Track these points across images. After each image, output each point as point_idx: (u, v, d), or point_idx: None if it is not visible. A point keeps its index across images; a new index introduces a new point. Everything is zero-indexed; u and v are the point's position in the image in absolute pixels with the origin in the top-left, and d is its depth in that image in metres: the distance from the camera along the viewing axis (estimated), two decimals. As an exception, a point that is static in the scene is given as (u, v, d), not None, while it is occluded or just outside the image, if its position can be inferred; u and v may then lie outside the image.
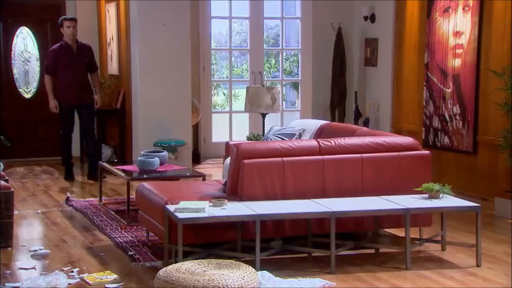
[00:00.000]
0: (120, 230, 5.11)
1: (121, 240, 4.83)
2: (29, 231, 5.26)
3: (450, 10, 6.53)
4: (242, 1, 8.63)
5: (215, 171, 7.42)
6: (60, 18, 7.18)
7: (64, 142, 7.18)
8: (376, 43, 7.71)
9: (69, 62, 7.01)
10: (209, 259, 3.73)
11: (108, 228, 5.17)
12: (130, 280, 4.03)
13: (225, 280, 3.44)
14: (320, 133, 5.35)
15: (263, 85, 6.74)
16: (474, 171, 6.26)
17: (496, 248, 4.64)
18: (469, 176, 6.28)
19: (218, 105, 9.98)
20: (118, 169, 5.75)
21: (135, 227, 5.14)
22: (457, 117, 6.43)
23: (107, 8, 8.30)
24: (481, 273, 4.14)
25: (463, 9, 6.37)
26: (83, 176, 7.39)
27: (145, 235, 4.84)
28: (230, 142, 5.66)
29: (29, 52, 8.45)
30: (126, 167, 5.80)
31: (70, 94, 7.03)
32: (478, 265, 4.25)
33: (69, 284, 3.94)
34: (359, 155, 4.49)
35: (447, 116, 6.56)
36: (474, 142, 6.25)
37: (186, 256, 4.06)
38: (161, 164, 5.64)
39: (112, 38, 8.17)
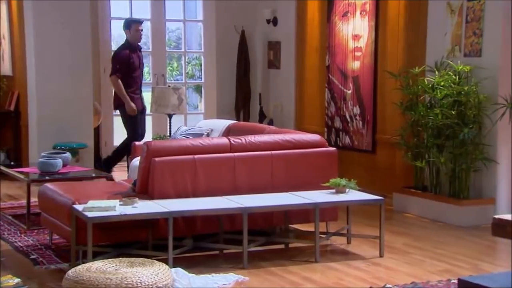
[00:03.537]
0: (19, 234, 4.92)
1: (21, 244, 4.64)
2: None
3: (349, 14, 6.80)
4: (142, 3, 8.53)
5: (118, 174, 7.26)
6: (127, 20, 6.72)
7: (127, 148, 6.44)
8: (279, 46, 7.87)
9: (137, 66, 6.66)
10: (120, 258, 3.65)
11: (5, 233, 4.94)
12: (34, 284, 3.87)
13: (139, 277, 3.36)
14: (228, 133, 5.38)
15: (169, 86, 6.68)
16: (374, 169, 6.53)
17: (396, 240, 4.87)
18: (369, 174, 6.55)
19: (119, 108, 9.76)
20: (16, 171, 5.49)
21: (36, 230, 4.97)
22: (357, 117, 6.70)
23: (-2, 5, 7.94)
24: (384, 263, 4.33)
25: (361, 13, 6.66)
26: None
27: (47, 238, 4.68)
28: (137, 143, 5.57)
29: None
30: (25, 170, 5.56)
31: (138, 98, 6.64)
32: (381, 256, 4.44)
33: (-33, 291, 3.71)
34: (269, 152, 4.57)
35: (348, 117, 6.81)
36: (373, 141, 6.54)
37: (95, 256, 3.94)
38: (64, 165, 5.45)
39: (4, 37, 7.82)
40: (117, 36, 9.43)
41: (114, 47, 8.77)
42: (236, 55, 8.12)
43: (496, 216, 2.38)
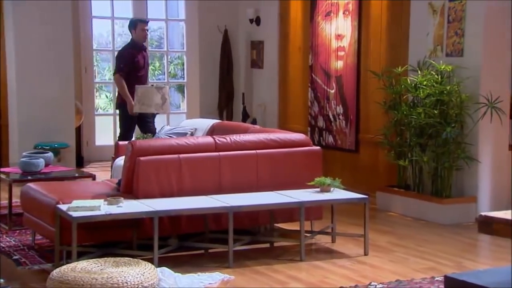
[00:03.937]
0: (1, 235, 4.85)
1: (3, 245, 4.59)
2: None
3: (332, 14, 6.83)
4: (124, 2, 8.48)
5: (101, 174, 7.18)
6: (133, 20, 6.66)
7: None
8: (262, 45, 7.88)
9: (142, 65, 6.57)
10: (106, 258, 3.62)
11: (-13, 234, 4.87)
12: (17, 284, 3.82)
13: (125, 277, 3.35)
14: (212, 132, 5.36)
15: (152, 85, 6.66)
16: (357, 168, 6.56)
17: (380, 238, 4.90)
18: (352, 173, 6.58)
19: (101, 108, 9.72)
20: (-3, 172, 5.42)
21: (18, 231, 4.90)
22: (340, 116, 6.72)
23: (-23, 3, 7.82)
24: (369, 261, 4.36)
25: (344, 13, 6.69)
26: None
27: (30, 238, 4.62)
28: (120, 142, 5.54)
29: None
30: (6, 169, 5.49)
31: None
32: (365, 254, 4.47)
33: (-51, 293, 3.66)
34: (254, 151, 4.57)
35: (331, 116, 6.84)
36: (356, 140, 6.57)
37: (79, 257, 3.91)
38: (46, 165, 5.40)
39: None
40: (98, 36, 9.37)
41: (96, 46, 8.72)
42: (219, 55, 8.11)
43: (483, 213, 2.41)
